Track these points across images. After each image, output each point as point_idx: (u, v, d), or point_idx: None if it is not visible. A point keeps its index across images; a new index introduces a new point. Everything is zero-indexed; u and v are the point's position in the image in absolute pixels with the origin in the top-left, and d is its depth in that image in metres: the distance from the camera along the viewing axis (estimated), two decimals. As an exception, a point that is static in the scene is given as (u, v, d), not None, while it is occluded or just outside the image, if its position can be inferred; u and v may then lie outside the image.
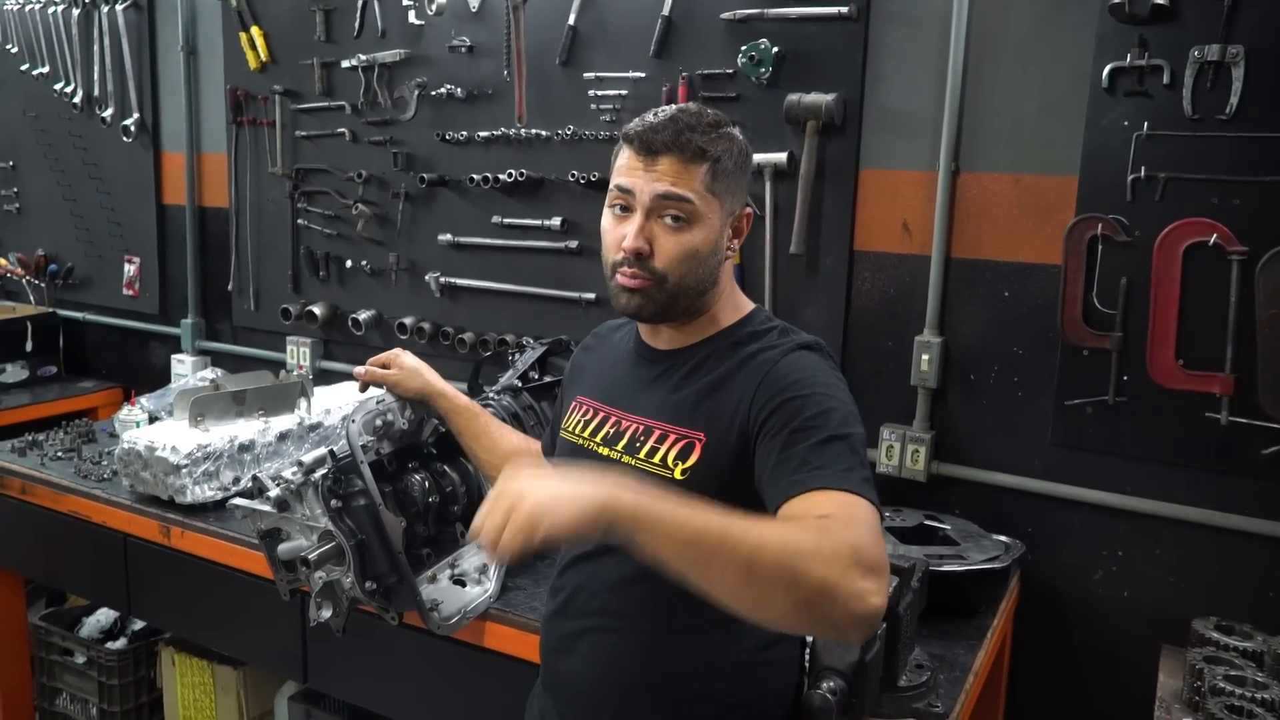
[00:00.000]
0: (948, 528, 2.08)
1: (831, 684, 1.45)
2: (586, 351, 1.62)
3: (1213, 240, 1.91)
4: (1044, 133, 2.07)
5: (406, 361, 1.81)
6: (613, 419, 1.45)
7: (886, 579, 1.06)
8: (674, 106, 1.39)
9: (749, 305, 1.46)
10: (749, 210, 1.42)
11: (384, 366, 1.81)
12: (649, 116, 1.36)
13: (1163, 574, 2.06)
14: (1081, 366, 2.06)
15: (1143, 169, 1.95)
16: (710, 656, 1.30)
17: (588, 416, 1.49)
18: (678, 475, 1.33)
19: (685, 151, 1.32)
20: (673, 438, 1.35)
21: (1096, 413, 2.06)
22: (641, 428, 1.40)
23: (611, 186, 1.37)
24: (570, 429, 1.51)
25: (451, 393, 1.80)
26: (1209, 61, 1.88)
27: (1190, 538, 2.02)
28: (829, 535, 1.05)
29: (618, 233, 1.36)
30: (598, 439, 1.44)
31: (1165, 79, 1.92)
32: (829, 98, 2.20)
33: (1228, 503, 1.98)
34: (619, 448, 1.40)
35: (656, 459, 1.35)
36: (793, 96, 2.24)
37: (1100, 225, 2.01)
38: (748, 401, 1.30)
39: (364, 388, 1.83)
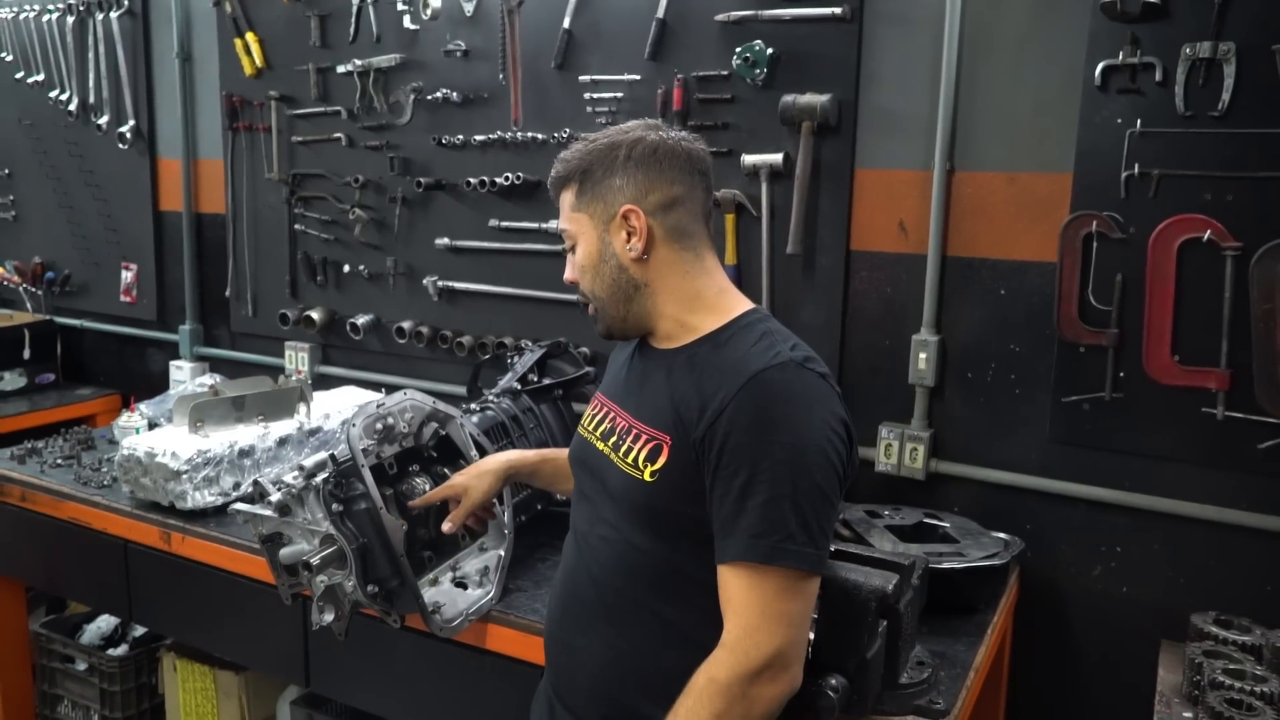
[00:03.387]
0: (947, 525, 2.09)
1: (834, 681, 1.46)
2: (616, 350, 1.66)
3: (1207, 236, 1.92)
4: (1038, 131, 2.08)
5: (460, 480, 1.76)
6: (611, 415, 1.50)
7: (781, 657, 1.25)
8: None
9: (740, 308, 1.43)
10: (627, 207, 1.40)
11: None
12: None
13: (1161, 569, 2.07)
14: (1078, 363, 2.07)
15: (1136, 166, 1.96)
16: (706, 655, 1.31)
17: (595, 411, 1.55)
18: (647, 477, 1.36)
19: (557, 185, 1.48)
20: (644, 438, 1.39)
21: (1093, 409, 2.06)
22: (625, 425, 1.44)
23: None
24: (584, 423, 1.57)
25: (518, 459, 1.79)
26: (1201, 59, 1.89)
27: (1188, 533, 2.03)
28: (716, 697, 1.25)
29: None
30: (598, 433, 1.50)
31: (1158, 76, 1.93)
32: (824, 98, 2.21)
33: (1225, 497, 1.99)
34: (610, 443, 1.45)
35: (630, 459, 1.39)
36: (788, 97, 2.25)
37: (1095, 222, 2.02)
38: (708, 419, 1.30)
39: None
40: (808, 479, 1.26)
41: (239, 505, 1.76)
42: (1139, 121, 1.96)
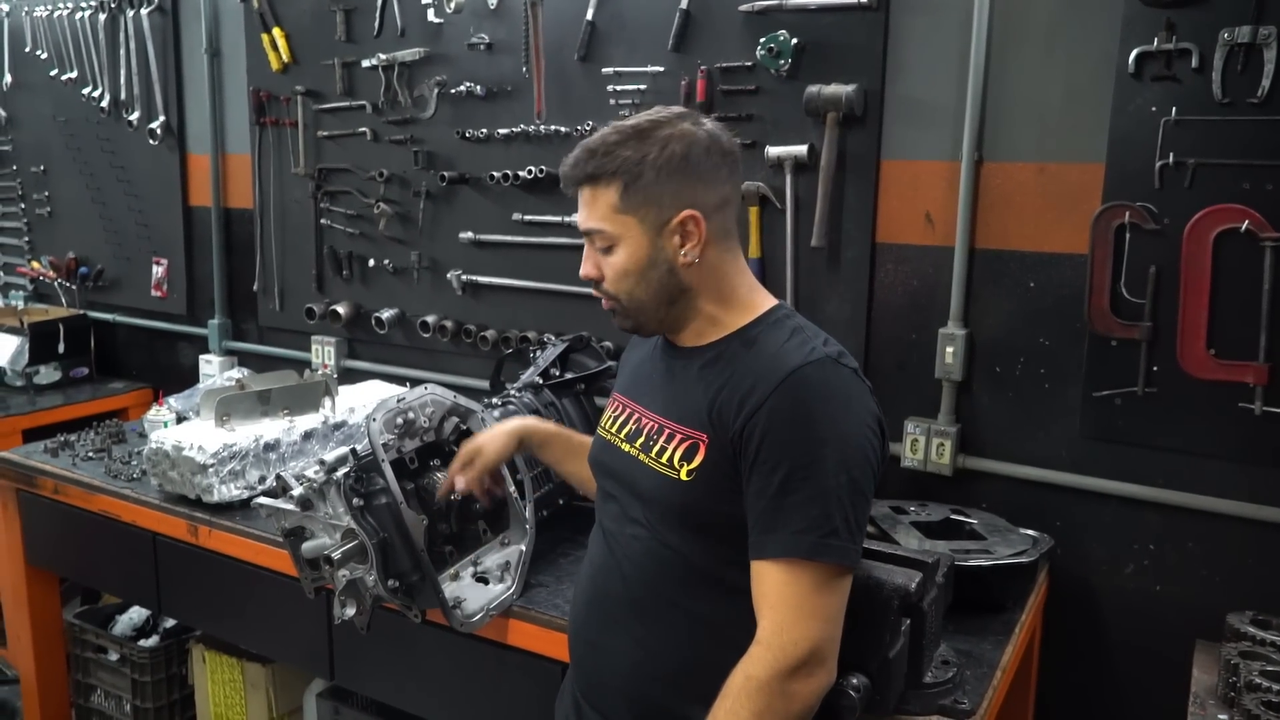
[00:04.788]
0: (974, 522, 2.06)
1: (856, 680, 1.44)
2: (630, 349, 1.65)
3: (1244, 226, 1.87)
4: (1069, 120, 2.03)
5: (475, 440, 1.72)
6: (635, 415, 1.48)
7: (817, 652, 1.25)
8: (601, 130, 1.39)
9: (767, 304, 1.43)
10: (689, 213, 1.34)
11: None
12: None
13: (1196, 567, 2.03)
14: (1110, 357, 2.03)
15: (1171, 155, 1.91)
16: (738, 653, 1.30)
17: (617, 412, 1.52)
18: (684, 476, 1.35)
19: (586, 181, 1.37)
20: (679, 437, 1.37)
21: (1126, 404, 2.02)
22: (655, 425, 1.42)
23: None
24: (603, 424, 1.54)
25: (535, 424, 1.76)
26: (1239, 44, 1.84)
27: (1223, 530, 1.99)
28: (755, 695, 1.24)
29: None
30: (621, 434, 1.48)
31: (1194, 62, 1.88)
32: (849, 89, 2.18)
33: (1262, 494, 1.94)
34: (637, 445, 1.43)
35: (664, 459, 1.38)
36: (812, 88, 2.21)
37: (1128, 213, 1.97)
38: (745, 415, 1.30)
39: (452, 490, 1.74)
40: (847, 475, 1.26)
41: (262, 499, 1.78)
42: (1174, 109, 1.90)
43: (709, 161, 1.35)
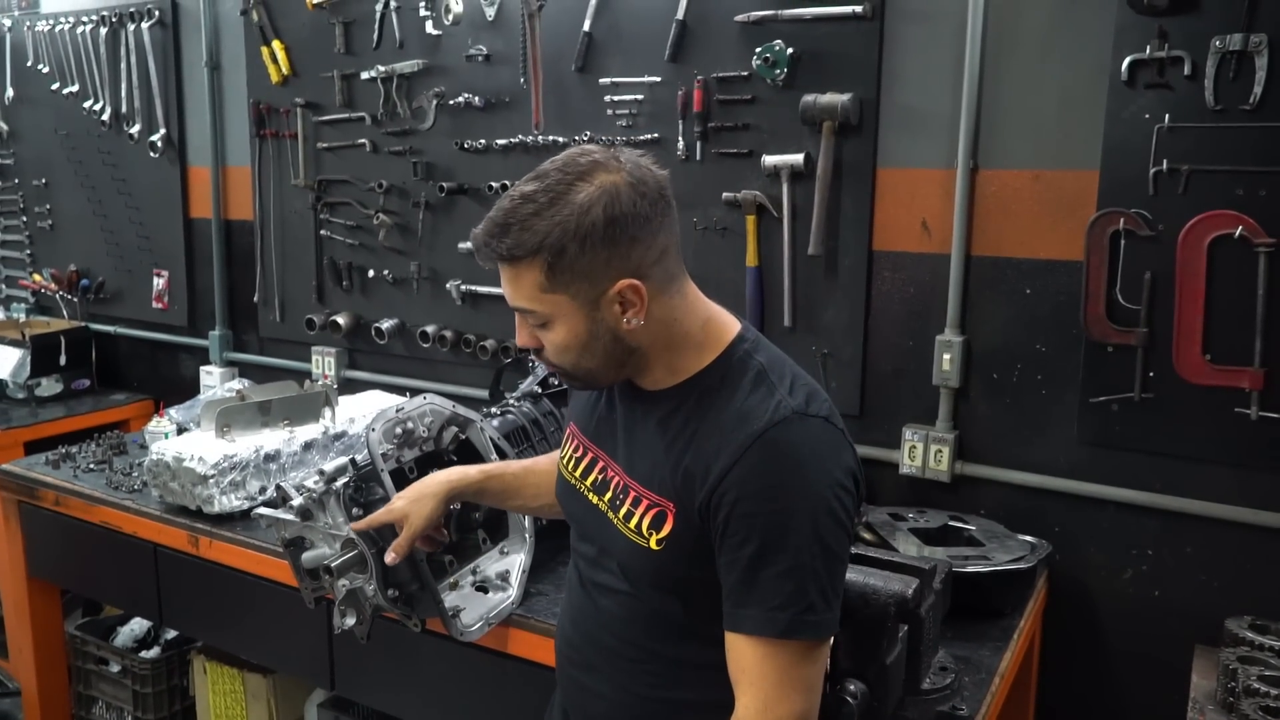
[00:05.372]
0: (972, 528, 2.07)
1: (853, 687, 1.44)
2: None
3: (1238, 232, 1.88)
4: (1063, 127, 2.05)
5: (400, 505, 1.59)
6: (600, 464, 1.40)
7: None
8: (509, 195, 1.23)
9: (727, 336, 1.31)
10: (626, 283, 1.20)
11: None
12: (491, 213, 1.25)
13: (1194, 573, 2.03)
14: (1106, 363, 2.04)
15: (1165, 162, 1.93)
16: (721, 688, 1.26)
17: (578, 454, 1.45)
18: (653, 545, 1.28)
19: (504, 261, 1.23)
20: (646, 503, 1.30)
21: (1123, 410, 2.03)
22: (621, 483, 1.35)
23: None
24: (565, 463, 1.47)
25: (458, 478, 1.61)
26: (1231, 51, 1.85)
27: (1222, 535, 1.99)
28: None
29: None
30: (587, 483, 1.41)
31: (1186, 70, 1.89)
32: (845, 98, 2.19)
33: (1260, 499, 1.95)
34: (605, 500, 1.37)
35: (633, 524, 1.31)
36: (808, 97, 2.23)
37: (1122, 220, 1.98)
38: (710, 485, 1.22)
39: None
40: (820, 544, 1.20)
41: (262, 509, 1.78)
42: (1167, 116, 1.92)
43: (637, 217, 1.20)
